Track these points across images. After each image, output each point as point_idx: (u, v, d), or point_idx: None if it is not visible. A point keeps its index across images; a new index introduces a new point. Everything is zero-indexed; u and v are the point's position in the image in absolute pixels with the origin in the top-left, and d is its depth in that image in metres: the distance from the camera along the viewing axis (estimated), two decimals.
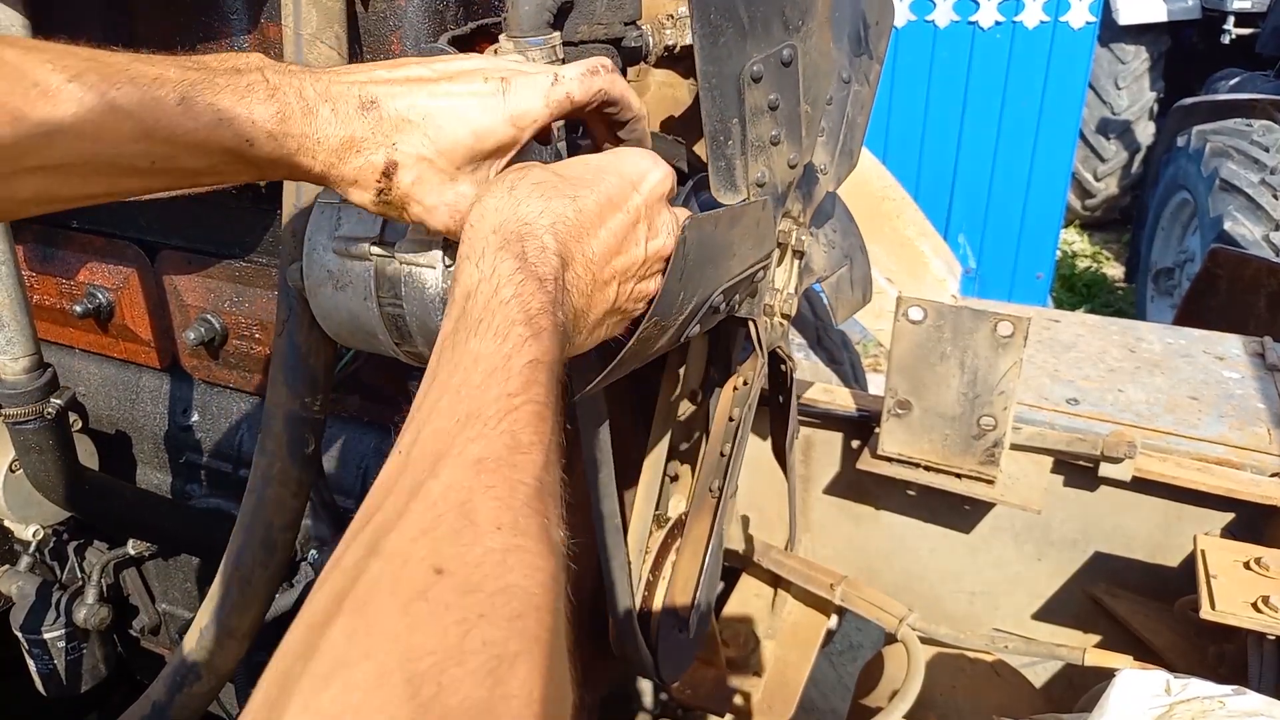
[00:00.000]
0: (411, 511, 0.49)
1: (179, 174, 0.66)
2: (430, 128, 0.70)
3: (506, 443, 0.53)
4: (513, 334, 0.59)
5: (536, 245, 0.66)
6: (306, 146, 0.67)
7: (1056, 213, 6.11)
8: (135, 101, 0.61)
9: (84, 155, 0.61)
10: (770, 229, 1.04)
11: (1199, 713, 0.99)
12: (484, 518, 0.48)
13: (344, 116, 0.68)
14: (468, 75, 0.73)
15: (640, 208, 0.75)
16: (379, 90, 0.70)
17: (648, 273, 0.78)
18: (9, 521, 1.47)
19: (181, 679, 1.13)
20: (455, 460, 0.51)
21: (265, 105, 0.65)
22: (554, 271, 0.65)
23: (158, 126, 0.62)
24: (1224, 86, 6.73)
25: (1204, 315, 2.99)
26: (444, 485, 0.50)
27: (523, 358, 0.58)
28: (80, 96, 0.59)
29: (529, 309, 0.61)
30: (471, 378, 0.57)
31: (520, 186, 0.70)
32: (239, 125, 0.64)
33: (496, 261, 0.64)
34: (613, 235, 0.72)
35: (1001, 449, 1.68)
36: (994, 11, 5.62)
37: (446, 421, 0.54)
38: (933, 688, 1.72)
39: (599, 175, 0.74)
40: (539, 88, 0.74)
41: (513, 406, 0.55)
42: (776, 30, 0.94)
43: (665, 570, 1.38)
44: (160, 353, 1.46)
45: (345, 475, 1.38)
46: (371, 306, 0.87)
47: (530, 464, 0.53)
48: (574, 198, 0.70)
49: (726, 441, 1.23)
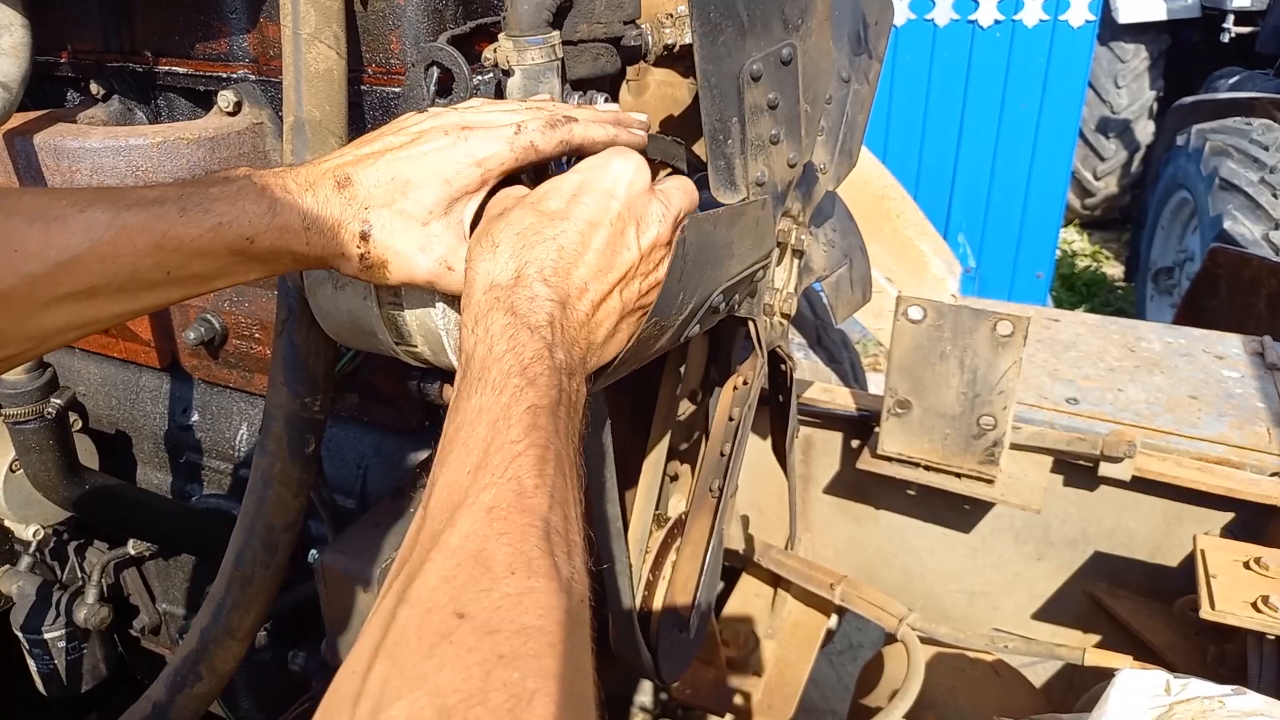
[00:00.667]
0: (433, 560, 0.53)
1: (194, 281, 0.73)
2: (399, 184, 0.76)
3: (514, 489, 0.57)
4: (509, 386, 0.64)
5: (526, 295, 0.70)
6: (299, 234, 0.74)
7: (1056, 212, 6.11)
8: (143, 219, 0.68)
9: (105, 275, 0.68)
10: (770, 228, 1.04)
11: (1199, 712, 0.99)
12: (499, 563, 0.52)
13: (324, 200, 0.75)
14: (430, 133, 0.79)
15: (622, 213, 0.77)
16: (351, 169, 0.76)
17: (650, 267, 0.80)
18: (9, 521, 1.47)
19: (182, 679, 1.13)
20: (469, 510, 0.56)
21: (256, 204, 0.72)
22: (547, 316, 0.70)
23: (165, 238, 0.69)
24: (1224, 85, 6.72)
25: (1204, 315, 2.99)
26: (461, 535, 0.54)
27: (520, 406, 0.62)
28: (94, 222, 0.67)
29: (522, 359, 0.65)
30: (477, 431, 0.61)
31: (502, 242, 0.74)
32: (237, 226, 0.71)
33: (489, 322, 0.69)
34: (599, 254, 0.75)
35: (1001, 448, 1.68)
36: (993, 10, 5.61)
37: (458, 473, 0.59)
38: (933, 688, 1.72)
39: (575, 201, 0.76)
40: (502, 135, 0.78)
41: (516, 453, 0.59)
42: (776, 29, 0.94)
43: (665, 570, 1.38)
44: (160, 352, 1.46)
45: (345, 475, 1.38)
46: (371, 306, 0.87)
47: (537, 507, 0.57)
48: (554, 237, 0.74)
49: (726, 441, 1.23)
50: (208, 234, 0.70)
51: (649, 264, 0.80)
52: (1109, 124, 7.52)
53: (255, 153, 1.20)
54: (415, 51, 1.04)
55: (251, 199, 0.72)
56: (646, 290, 0.80)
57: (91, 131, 1.18)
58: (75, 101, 1.34)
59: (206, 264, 0.71)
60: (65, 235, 0.66)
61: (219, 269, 0.73)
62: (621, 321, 0.79)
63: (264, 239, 0.72)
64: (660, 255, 0.81)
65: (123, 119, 1.28)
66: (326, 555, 1.15)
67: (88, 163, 1.15)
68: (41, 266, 0.65)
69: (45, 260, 0.65)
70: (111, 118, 1.27)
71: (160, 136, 1.14)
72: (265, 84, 1.19)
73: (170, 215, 0.69)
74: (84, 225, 0.66)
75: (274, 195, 0.73)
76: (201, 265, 0.71)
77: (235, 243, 0.71)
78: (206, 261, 0.71)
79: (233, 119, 1.19)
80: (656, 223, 0.79)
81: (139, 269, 0.69)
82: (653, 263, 0.80)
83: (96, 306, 0.69)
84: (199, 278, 0.73)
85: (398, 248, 0.76)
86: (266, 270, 0.76)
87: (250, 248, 0.72)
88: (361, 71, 1.10)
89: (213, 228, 0.70)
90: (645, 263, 0.79)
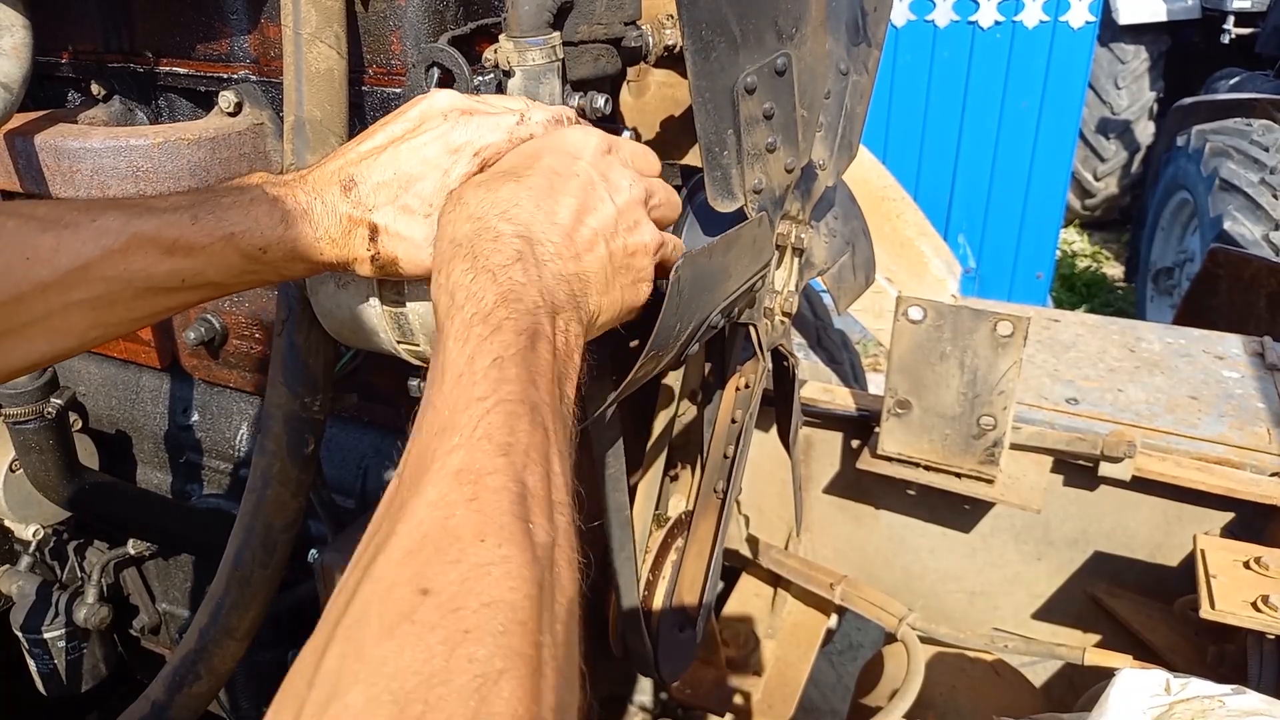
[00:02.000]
0: (398, 533, 0.50)
1: (209, 287, 0.73)
2: (401, 179, 0.76)
3: (484, 449, 0.53)
4: (472, 335, 0.60)
5: (490, 236, 0.67)
6: (311, 243, 0.74)
7: (1056, 212, 6.11)
8: (154, 227, 0.69)
9: (119, 282, 0.68)
10: (768, 240, 1.03)
11: (1199, 712, 0.99)
12: (467, 532, 0.49)
13: (332, 206, 0.75)
14: (430, 118, 0.78)
15: (589, 170, 0.76)
16: (354, 170, 0.76)
17: (631, 225, 0.77)
18: (9, 521, 1.47)
19: (181, 679, 1.13)
20: (436, 475, 0.52)
21: (269, 214, 0.72)
22: (513, 254, 0.66)
23: (177, 244, 0.69)
24: (1224, 86, 6.73)
25: (1204, 315, 2.99)
26: (428, 503, 0.51)
27: (485, 357, 0.58)
28: (106, 229, 0.67)
29: (483, 307, 0.61)
30: (442, 389, 0.58)
31: (466, 191, 0.73)
32: (250, 236, 0.71)
33: (449, 270, 0.66)
34: (573, 196, 0.73)
35: (1001, 449, 1.68)
36: (994, 11, 5.61)
37: (427, 437, 0.55)
38: (933, 687, 1.72)
39: (535, 157, 0.76)
40: (503, 124, 0.78)
41: (484, 411, 0.55)
42: (769, 40, 0.94)
43: (665, 570, 1.38)
44: (160, 352, 1.46)
45: (345, 475, 1.38)
46: (374, 304, 0.87)
47: (509, 467, 0.53)
48: (518, 179, 0.72)
49: (729, 443, 1.23)
50: (220, 243, 0.70)
51: (628, 220, 0.77)
52: (1109, 125, 7.52)
53: (256, 153, 1.20)
54: (416, 52, 1.04)
55: (264, 210, 0.72)
56: (633, 250, 0.77)
57: (92, 132, 1.18)
58: (76, 102, 1.34)
59: (220, 272, 0.72)
60: (77, 242, 0.66)
61: (235, 277, 0.73)
62: (615, 277, 0.76)
63: (277, 249, 0.72)
64: (638, 216, 0.78)
65: (123, 119, 1.28)
66: (326, 555, 1.15)
67: (88, 163, 1.15)
68: (52, 273, 0.66)
69: (56, 266, 0.66)
70: (112, 118, 1.27)
71: (161, 137, 1.14)
72: (266, 84, 1.19)
73: (183, 223, 0.69)
74: (95, 233, 0.67)
75: (286, 206, 0.73)
76: (216, 273, 0.72)
77: (249, 251, 0.71)
78: (220, 270, 0.72)
79: (233, 119, 1.19)
80: (627, 187, 0.77)
81: (152, 276, 0.69)
82: (632, 220, 0.77)
83: (114, 312, 0.70)
84: (214, 285, 0.73)
85: (405, 243, 0.76)
86: (283, 276, 0.77)
87: (264, 256, 0.72)
88: (362, 72, 1.10)
89: (225, 237, 0.70)
90: (622, 219, 0.76)
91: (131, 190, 1.14)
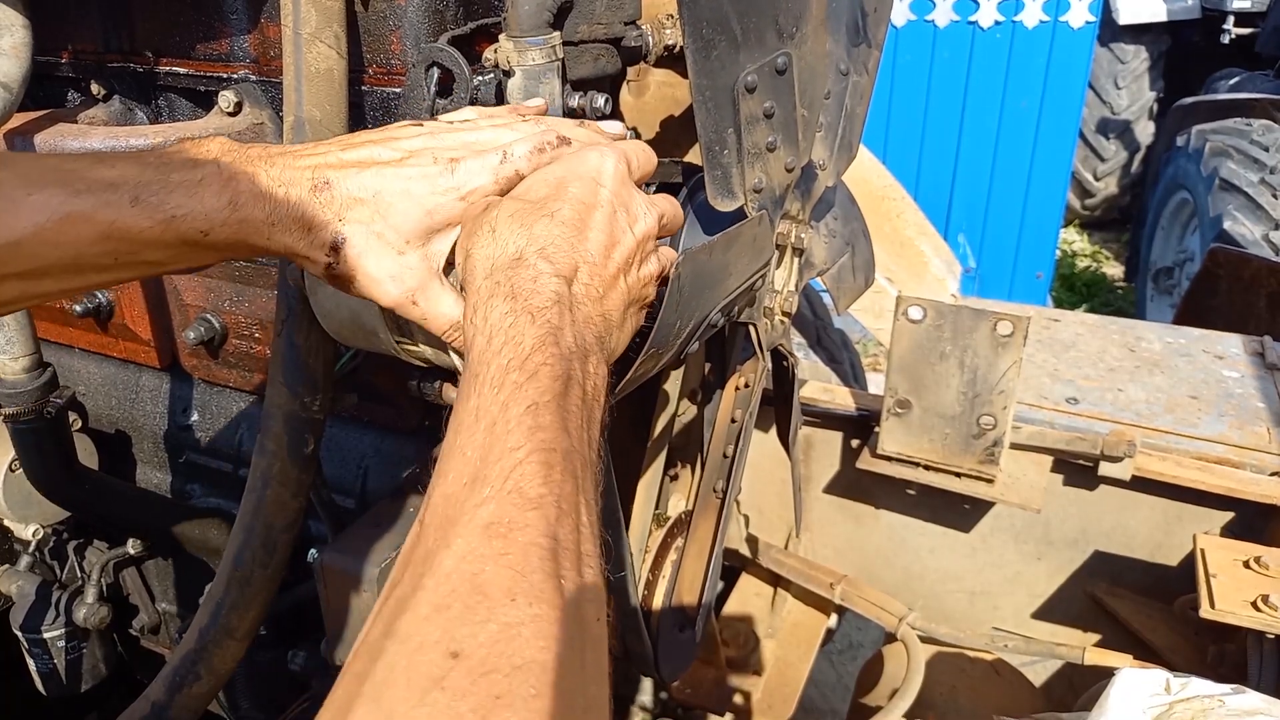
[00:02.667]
0: (425, 588, 0.49)
1: (143, 265, 0.71)
2: (380, 204, 0.74)
3: (515, 502, 0.52)
4: (507, 382, 0.59)
5: (529, 275, 0.67)
6: (259, 229, 0.71)
7: (1056, 212, 6.11)
8: (91, 207, 0.66)
9: (51, 259, 0.66)
10: (768, 239, 1.03)
11: (1199, 711, 0.99)
12: (497, 589, 0.48)
13: (296, 200, 0.72)
14: (418, 155, 0.76)
15: (611, 199, 0.76)
16: (332, 173, 0.74)
17: (644, 256, 0.79)
18: (9, 521, 1.47)
19: (181, 679, 1.13)
20: (465, 527, 0.51)
21: (218, 196, 0.70)
22: (552, 296, 0.66)
23: (114, 228, 0.67)
24: (1224, 86, 6.72)
25: (1204, 315, 2.99)
26: (456, 557, 0.50)
27: (520, 405, 0.58)
28: (41, 206, 0.65)
29: (521, 351, 0.61)
30: (475, 437, 0.57)
31: (500, 224, 0.72)
32: (192, 219, 0.69)
33: (488, 309, 0.65)
34: (602, 232, 0.73)
35: (1001, 448, 1.69)
36: (994, 11, 5.61)
37: (455, 485, 0.54)
38: (933, 687, 1.72)
39: (562, 186, 0.75)
40: (488, 166, 0.76)
41: (517, 461, 0.54)
42: (770, 39, 0.93)
43: (665, 570, 1.38)
44: (160, 352, 1.46)
45: (345, 475, 1.38)
46: (373, 304, 0.86)
47: (541, 520, 0.52)
48: (552, 214, 0.72)
49: (729, 443, 1.22)
50: (158, 226, 0.68)
51: (642, 253, 0.78)
52: (1109, 125, 7.52)
53: None
54: (416, 52, 1.04)
55: (213, 191, 0.69)
56: (645, 281, 0.78)
57: (92, 131, 1.18)
58: (76, 101, 1.34)
59: (157, 253, 0.70)
60: (11, 219, 0.65)
61: (171, 257, 0.71)
62: (628, 310, 0.77)
63: (221, 232, 0.70)
64: (650, 249, 0.79)
65: (123, 119, 1.28)
66: (326, 555, 1.15)
67: None
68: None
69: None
70: (112, 118, 1.27)
71: (161, 137, 1.14)
72: (266, 84, 1.19)
73: (121, 204, 0.67)
74: (30, 209, 0.65)
75: (239, 188, 0.70)
76: (152, 254, 0.70)
77: (189, 234, 0.69)
78: (157, 251, 0.69)
79: (233, 119, 1.19)
80: (644, 215, 0.78)
81: (84, 255, 0.67)
82: (646, 252, 0.79)
83: (43, 284, 0.68)
84: (149, 264, 0.71)
85: (369, 270, 0.74)
86: (221, 258, 0.75)
87: (204, 239, 0.70)
88: (362, 72, 1.10)
89: (165, 220, 0.68)
90: (639, 250, 0.77)
91: None
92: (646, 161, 0.83)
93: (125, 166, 0.69)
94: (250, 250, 0.73)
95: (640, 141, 0.86)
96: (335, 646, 1.18)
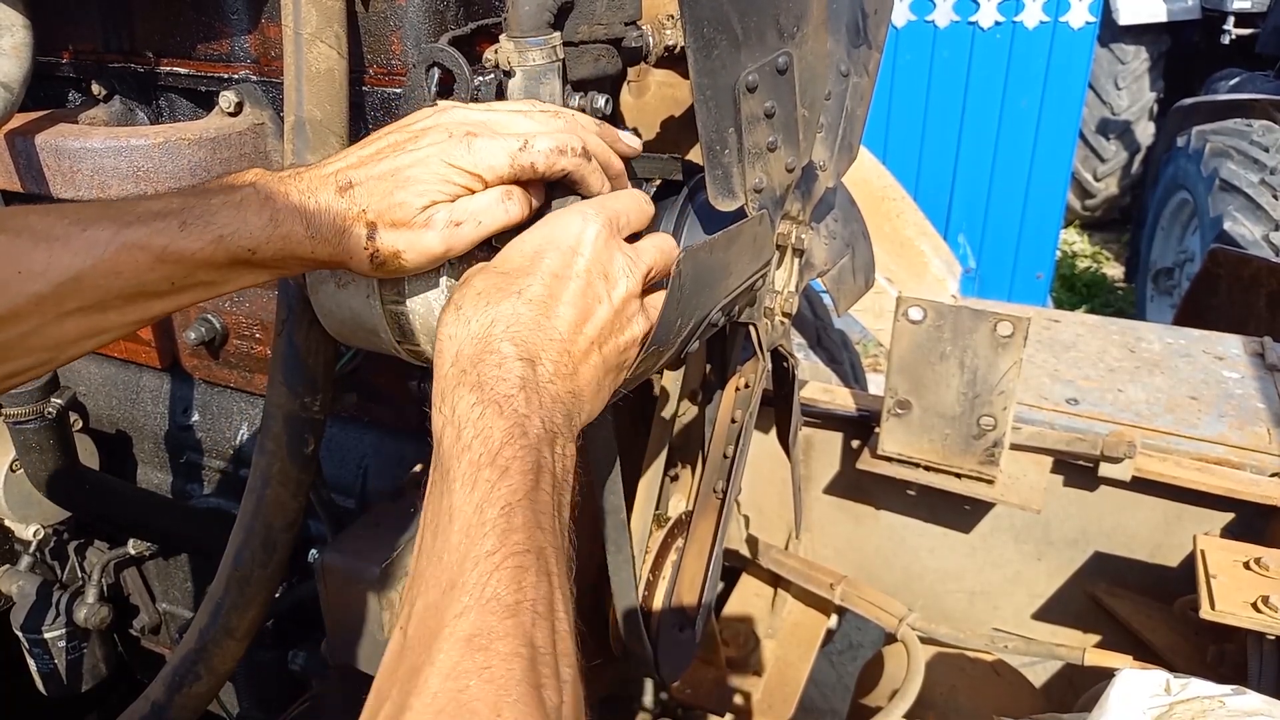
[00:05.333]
0: (413, 708, 0.50)
1: (200, 288, 0.74)
2: (396, 179, 0.76)
3: (493, 610, 0.54)
4: (480, 480, 0.60)
5: (494, 361, 0.67)
6: (303, 241, 0.74)
7: (1056, 213, 6.11)
8: (143, 235, 0.70)
9: (112, 290, 0.70)
10: (768, 239, 1.03)
11: (1199, 712, 0.99)
12: (483, 706, 0.50)
13: (326, 205, 0.75)
14: (433, 131, 0.78)
15: (588, 268, 0.75)
16: (353, 173, 0.76)
17: (625, 322, 0.78)
18: (9, 521, 1.47)
19: (181, 679, 1.13)
20: (448, 642, 0.53)
21: (258, 214, 0.73)
22: (518, 383, 0.66)
23: (167, 253, 0.70)
24: (1224, 86, 6.72)
25: (1204, 315, 2.99)
26: (441, 675, 0.51)
27: (494, 505, 0.59)
28: (96, 240, 0.69)
29: (491, 445, 0.62)
30: (450, 539, 0.58)
31: (465, 303, 0.72)
32: (239, 238, 0.72)
33: (455, 399, 0.66)
34: (572, 307, 0.73)
35: (1001, 449, 1.69)
36: (994, 11, 5.61)
37: (434, 594, 0.56)
38: (933, 687, 1.72)
39: (537, 258, 0.75)
40: (506, 148, 0.77)
41: (493, 566, 0.56)
42: (771, 39, 0.93)
43: (665, 570, 1.38)
44: (161, 352, 1.46)
45: (345, 475, 1.38)
46: (374, 304, 0.87)
47: (519, 629, 0.54)
48: (519, 291, 0.72)
49: (729, 443, 1.22)
50: (209, 246, 0.71)
51: (622, 319, 0.77)
52: (1109, 125, 7.52)
53: (256, 153, 1.20)
54: (416, 52, 1.04)
55: (254, 210, 0.73)
56: (624, 347, 0.78)
57: (93, 132, 1.19)
58: (76, 102, 1.34)
59: (211, 274, 0.73)
60: (68, 255, 0.68)
61: (224, 277, 0.74)
62: (605, 378, 0.77)
63: (267, 249, 0.73)
64: (634, 310, 0.79)
65: (124, 119, 1.28)
66: (326, 555, 1.15)
67: (89, 163, 1.15)
68: (46, 286, 0.67)
69: (49, 279, 0.67)
70: (113, 118, 1.27)
71: (161, 137, 1.14)
72: (266, 84, 1.19)
73: (171, 229, 0.70)
74: (86, 244, 0.68)
75: (276, 205, 0.73)
76: (206, 274, 0.73)
77: (238, 253, 0.72)
78: (210, 272, 0.73)
79: (234, 119, 1.19)
80: (624, 276, 0.77)
81: (144, 282, 0.70)
82: (626, 318, 0.78)
83: (107, 318, 0.71)
84: (205, 285, 0.74)
85: (403, 234, 0.76)
86: (274, 274, 0.77)
87: (253, 257, 0.73)
88: (363, 72, 1.10)
89: (214, 240, 0.71)
90: (617, 318, 0.77)
91: (132, 190, 1.15)
92: (638, 216, 0.83)
93: (169, 198, 0.73)
94: (300, 264, 0.77)
95: (637, 192, 0.86)
96: (335, 646, 1.18)
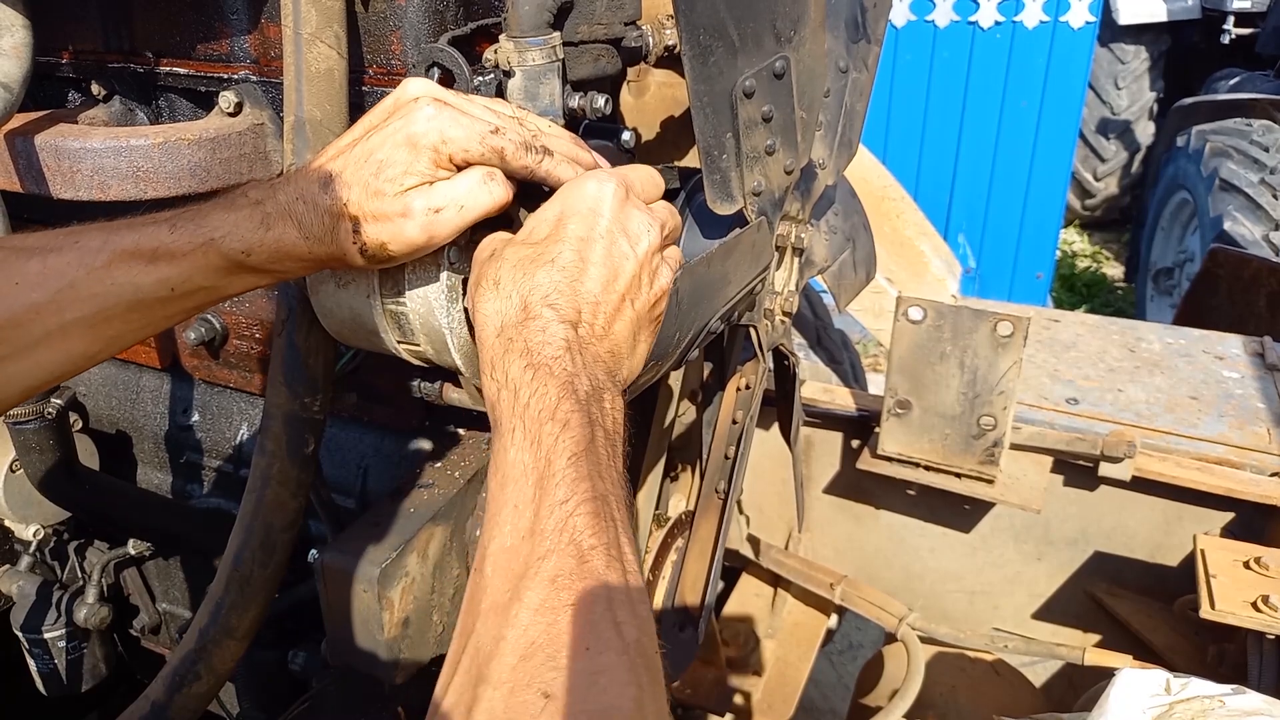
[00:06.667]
0: (507, 639, 0.55)
1: (201, 293, 0.75)
2: (370, 167, 0.75)
3: (573, 554, 0.58)
4: (544, 435, 0.63)
5: (539, 326, 0.70)
6: (295, 242, 0.75)
7: (1056, 213, 6.12)
8: (134, 240, 0.71)
9: (110, 296, 0.70)
10: (767, 244, 1.03)
11: (1199, 711, 0.99)
12: (572, 639, 0.54)
13: (313, 202, 0.75)
14: (403, 107, 0.78)
15: (609, 228, 0.77)
16: (332, 164, 0.76)
17: (652, 273, 0.80)
18: (9, 521, 1.47)
19: (181, 679, 1.13)
20: (533, 581, 0.57)
21: (250, 217, 0.74)
22: (562, 344, 0.69)
23: (158, 253, 0.71)
24: (1224, 86, 6.72)
25: (1204, 315, 2.99)
26: (530, 610, 0.56)
27: (562, 457, 0.62)
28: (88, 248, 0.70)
29: (548, 403, 0.65)
30: (524, 491, 0.62)
31: (503, 277, 0.74)
32: (231, 240, 0.73)
33: (507, 365, 0.68)
34: (602, 267, 0.75)
35: (1001, 449, 1.69)
36: (994, 11, 5.61)
37: (512, 539, 0.60)
38: (933, 687, 1.72)
39: (560, 224, 0.76)
40: (476, 128, 0.76)
41: (569, 514, 0.60)
42: (768, 43, 0.93)
43: (665, 570, 1.38)
44: (160, 352, 1.46)
45: (345, 475, 1.38)
46: (374, 304, 0.87)
47: (596, 570, 0.58)
48: (552, 260, 0.73)
49: (731, 444, 1.23)
50: (201, 248, 0.72)
51: (649, 272, 0.79)
52: (1109, 125, 7.52)
53: (256, 153, 1.20)
54: (416, 52, 1.04)
55: (245, 214, 0.73)
56: (655, 299, 0.80)
57: (93, 132, 1.18)
58: (76, 102, 1.34)
59: (208, 277, 0.73)
60: (61, 263, 0.69)
61: (223, 281, 0.74)
62: (640, 332, 0.79)
63: (261, 251, 0.73)
64: (658, 262, 0.80)
65: (124, 119, 1.28)
66: (326, 555, 1.15)
67: (88, 163, 1.15)
68: (43, 294, 0.68)
69: (45, 288, 0.68)
70: (113, 118, 1.27)
71: (161, 137, 1.14)
72: (266, 85, 1.19)
73: (161, 232, 0.71)
74: (78, 252, 0.69)
75: (267, 210, 0.74)
76: (204, 279, 0.73)
77: (232, 255, 0.73)
78: (207, 275, 0.73)
79: (234, 119, 1.19)
80: (646, 231, 0.79)
81: (140, 287, 0.71)
82: (652, 270, 0.80)
83: (110, 327, 0.72)
84: (205, 290, 0.74)
85: (385, 226, 0.76)
86: (275, 278, 0.78)
87: (249, 260, 0.73)
88: (363, 72, 1.10)
89: (205, 243, 0.72)
90: (643, 270, 0.78)
91: (132, 190, 1.14)
92: (652, 185, 0.84)
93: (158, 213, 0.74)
94: (299, 264, 0.77)
95: (646, 166, 0.86)
96: (335, 646, 1.18)
